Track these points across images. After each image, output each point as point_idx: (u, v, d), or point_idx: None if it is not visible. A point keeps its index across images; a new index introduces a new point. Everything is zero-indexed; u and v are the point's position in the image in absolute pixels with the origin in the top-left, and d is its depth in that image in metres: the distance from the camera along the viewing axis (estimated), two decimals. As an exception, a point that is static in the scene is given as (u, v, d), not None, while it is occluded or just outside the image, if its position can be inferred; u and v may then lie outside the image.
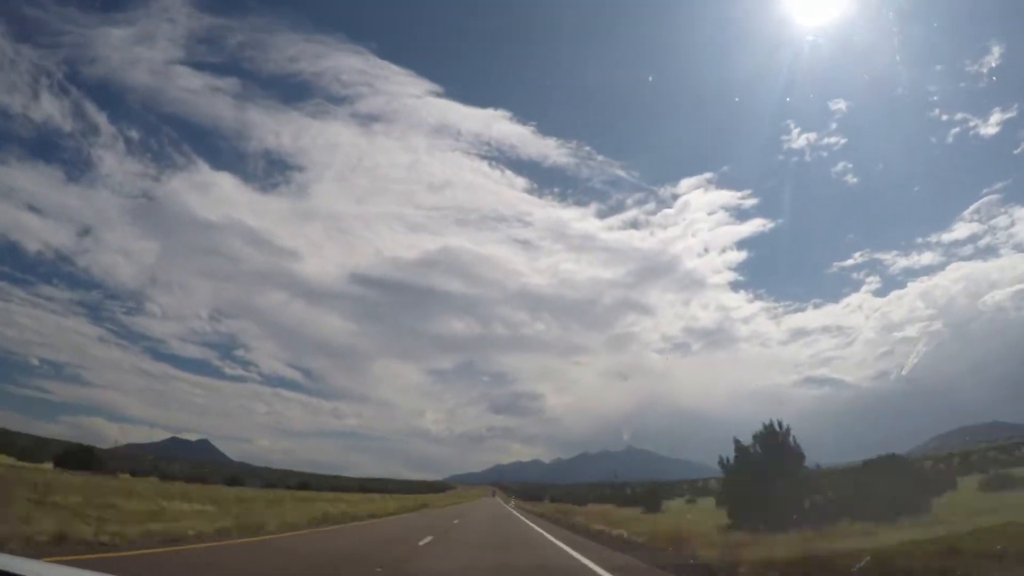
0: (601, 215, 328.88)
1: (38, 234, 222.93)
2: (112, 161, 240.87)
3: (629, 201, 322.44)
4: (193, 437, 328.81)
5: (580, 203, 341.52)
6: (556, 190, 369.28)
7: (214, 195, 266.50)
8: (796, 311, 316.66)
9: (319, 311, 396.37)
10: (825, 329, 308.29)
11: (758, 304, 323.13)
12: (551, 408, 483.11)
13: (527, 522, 27.28)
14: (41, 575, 2.80)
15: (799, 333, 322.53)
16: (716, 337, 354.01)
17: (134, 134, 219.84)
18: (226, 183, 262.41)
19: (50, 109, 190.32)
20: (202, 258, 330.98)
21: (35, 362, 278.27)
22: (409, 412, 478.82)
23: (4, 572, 2.41)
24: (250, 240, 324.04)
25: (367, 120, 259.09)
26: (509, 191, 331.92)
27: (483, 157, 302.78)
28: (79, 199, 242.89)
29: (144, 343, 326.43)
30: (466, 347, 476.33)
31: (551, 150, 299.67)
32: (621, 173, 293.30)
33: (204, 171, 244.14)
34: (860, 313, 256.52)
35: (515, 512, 41.49)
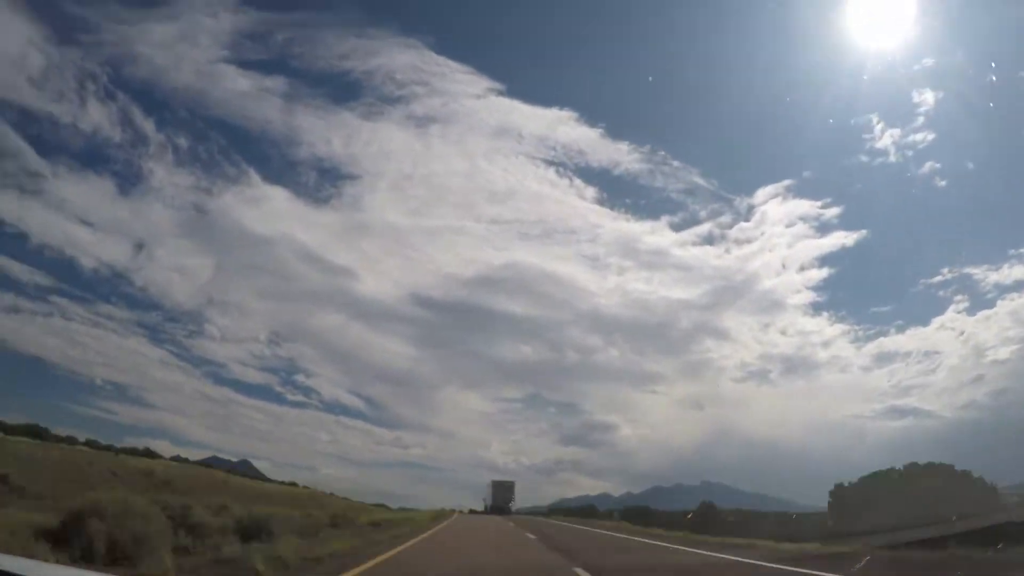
0: (675, 228, 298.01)
1: (92, 250, 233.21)
2: (162, 172, 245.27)
3: (703, 213, 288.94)
4: (234, 457, 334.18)
5: (652, 215, 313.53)
6: (628, 201, 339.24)
7: (266, 209, 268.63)
8: (878, 335, 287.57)
9: (377, 335, 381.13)
10: (908, 354, 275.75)
11: (838, 327, 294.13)
12: (623, 440, 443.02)
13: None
14: (41, 575, 2.86)
15: (881, 358, 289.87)
16: (794, 364, 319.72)
17: (182, 142, 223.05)
18: (278, 196, 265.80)
19: (98, 117, 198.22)
20: (257, 276, 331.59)
21: (99, 383, 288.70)
22: (474, 443, 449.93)
23: (4, 572, 2.44)
24: (304, 257, 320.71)
25: (423, 122, 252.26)
26: (577, 201, 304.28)
27: (548, 163, 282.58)
28: (131, 213, 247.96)
29: (206, 367, 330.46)
30: (534, 375, 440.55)
31: (622, 155, 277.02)
32: (699, 180, 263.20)
33: (255, 182, 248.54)
34: (947, 335, 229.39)
35: None
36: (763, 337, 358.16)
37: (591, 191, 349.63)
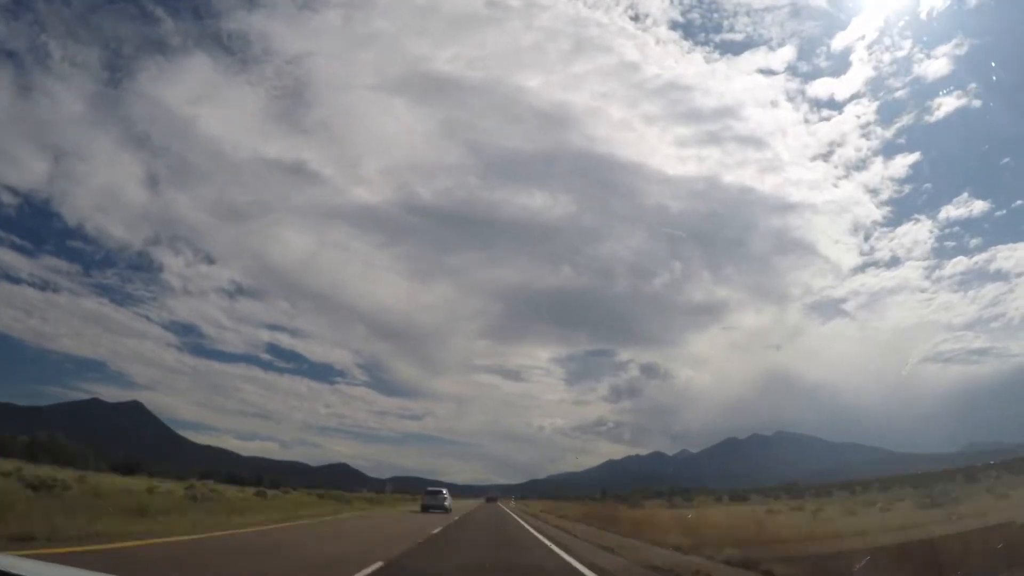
0: (758, 72, 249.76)
1: (5, 174, 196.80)
2: (58, 47, 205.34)
3: (785, 51, 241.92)
4: (241, 439, 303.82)
5: (728, 50, 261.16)
6: (708, 20, 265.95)
7: (187, 83, 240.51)
8: (960, 252, 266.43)
9: (361, 267, 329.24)
10: (990, 276, 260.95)
11: (919, 233, 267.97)
12: (684, 388, 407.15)
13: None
14: (41, 575, 2.86)
15: (965, 282, 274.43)
16: (873, 292, 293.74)
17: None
18: (196, 63, 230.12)
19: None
20: (198, 186, 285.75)
21: (76, 361, 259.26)
22: (497, 407, 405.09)
23: (4, 572, 2.46)
24: (248, 154, 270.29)
25: None
26: (631, 26, 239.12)
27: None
28: (36, 109, 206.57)
29: (185, 336, 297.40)
30: (572, 311, 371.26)
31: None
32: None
33: (166, 28, 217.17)
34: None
35: None
36: (839, 252, 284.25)
37: (656, 5, 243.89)
